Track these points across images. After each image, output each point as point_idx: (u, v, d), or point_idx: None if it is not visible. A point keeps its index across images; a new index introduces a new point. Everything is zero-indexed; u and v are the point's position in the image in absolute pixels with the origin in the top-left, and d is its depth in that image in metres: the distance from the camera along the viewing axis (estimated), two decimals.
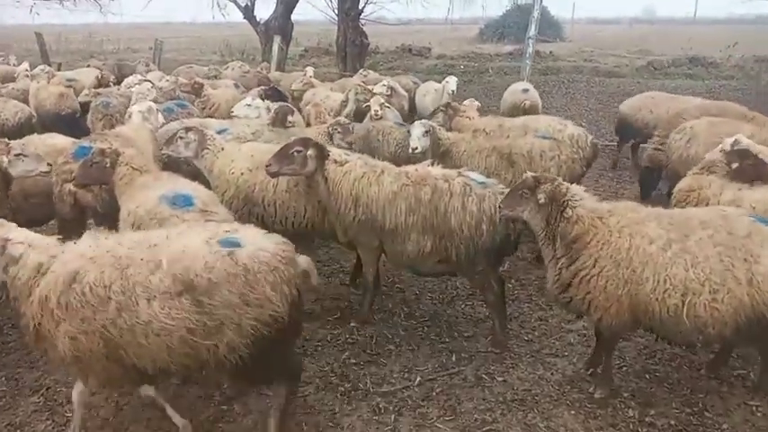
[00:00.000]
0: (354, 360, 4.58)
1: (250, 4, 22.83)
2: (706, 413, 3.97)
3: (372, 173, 4.79)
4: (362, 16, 20.24)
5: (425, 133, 6.18)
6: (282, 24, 20.57)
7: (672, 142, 6.93)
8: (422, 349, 4.74)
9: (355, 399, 4.14)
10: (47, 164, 4.96)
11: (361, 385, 4.27)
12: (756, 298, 3.55)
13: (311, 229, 5.39)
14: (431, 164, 5.01)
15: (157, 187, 4.33)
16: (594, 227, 3.87)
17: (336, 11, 20.23)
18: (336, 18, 20.23)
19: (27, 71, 12.04)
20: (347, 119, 7.69)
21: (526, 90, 10.30)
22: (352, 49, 19.08)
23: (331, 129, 6.63)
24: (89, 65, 14.92)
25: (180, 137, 5.30)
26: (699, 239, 3.67)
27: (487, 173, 5.55)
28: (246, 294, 3.10)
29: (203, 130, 5.50)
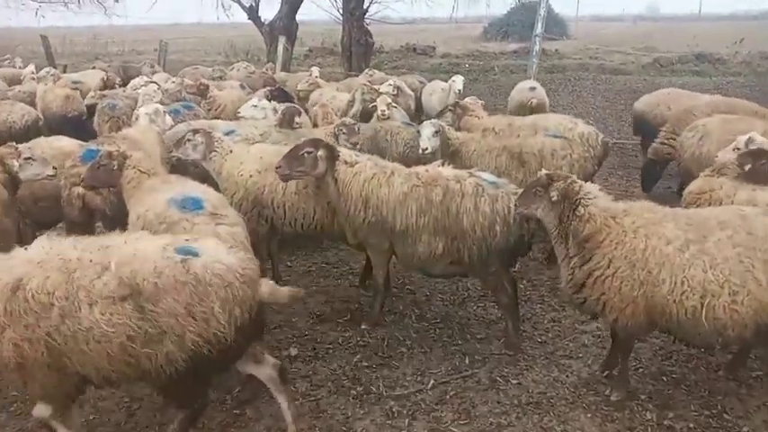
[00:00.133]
0: (366, 363, 4.54)
1: (254, 4, 22.83)
2: (725, 415, 3.91)
3: (382, 174, 4.75)
4: (367, 16, 20.20)
5: (435, 133, 6.11)
6: (287, 24, 20.54)
7: (684, 140, 6.83)
8: (434, 352, 4.69)
9: (368, 402, 4.09)
10: (52, 167, 4.97)
11: (374, 389, 4.23)
12: None
13: (321, 231, 5.36)
14: (441, 164, 4.96)
15: (166, 190, 4.28)
16: (608, 226, 3.82)
17: (341, 10, 20.21)
18: (341, 18, 20.20)
19: (33, 74, 12.06)
20: (354, 119, 7.65)
21: (533, 88, 10.22)
22: (358, 48, 19.06)
23: (336, 129, 6.58)
24: (94, 67, 14.92)
25: (188, 139, 5.27)
26: (718, 240, 3.60)
27: (498, 172, 5.49)
28: (193, 306, 2.94)
29: (211, 132, 5.47)
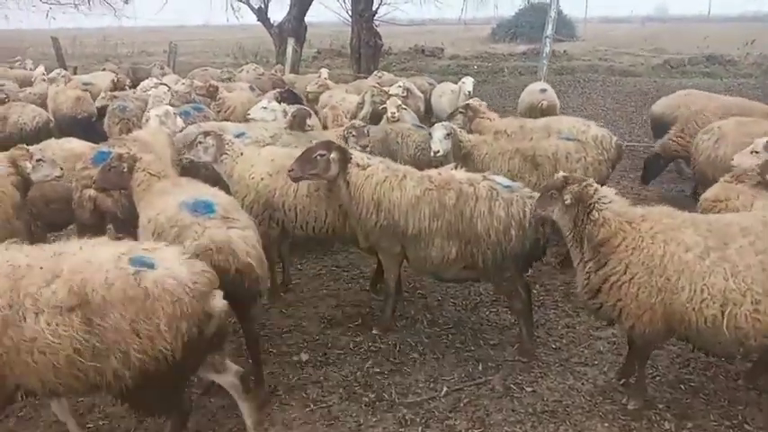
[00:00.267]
0: (378, 369, 4.48)
1: (264, 6, 22.87)
2: (746, 426, 3.83)
3: (395, 177, 4.69)
4: (376, 17, 20.16)
5: (447, 136, 6.05)
6: (296, 26, 20.54)
7: (699, 143, 6.72)
8: (447, 358, 4.62)
9: (380, 410, 4.03)
10: (60, 168, 4.99)
11: (386, 395, 4.17)
12: None
13: (332, 234, 5.30)
14: (454, 167, 4.90)
15: (177, 193, 4.24)
16: (623, 231, 3.76)
17: (350, 12, 20.17)
18: (350, 19, 20.17)
19: (44, 75, 12.09)
20: (363, 121, 7.59)
21: (544, 90, 10.15)
22: (366, 50, 19.01)
23: (346, 132, 6.53)
24: (104, 68, 14.97)
25: (199, 141, 5.24)
26: (739, 247, 3.51)
27: (511, 175, 5.42)
28: (138, 323, 2.85)
29: (221, 134, 5.42)
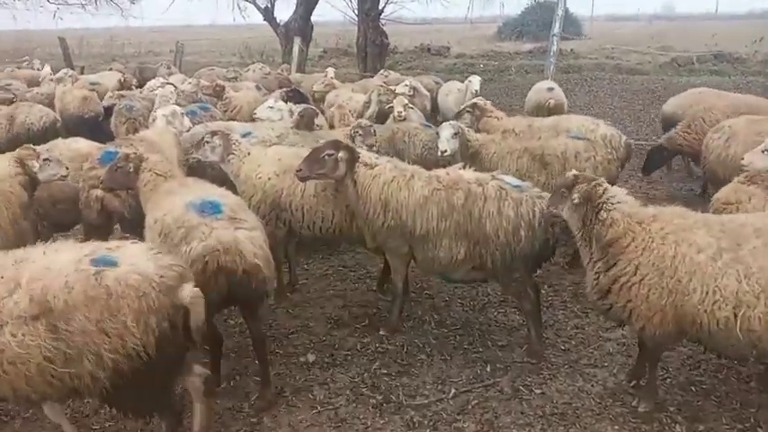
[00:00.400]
0: (385, 370, 4.45)
1: (270, 5, 22.87)
2: (759, 429, 3.76)
3: (402, 177, 4.66)
4: (382, 16, 20.11)
5: (454, 135, 6.01)
6: (302, 26, 20.55)
7: (709, 142, 6.64)
8: (455, 359, 4.58)
9: (387, 412, 4.00)
10: (65, 167, 4.98)
11: (394, 397, 4.13)
12: None
13: (339, 235, 5.28)
14: (462, 167, 4.87)
15: (183, 193, 4.21)
16: (632, 231, 3.72)
17: (356, 11, 20.13)
18: (356, 18, 20.13)
19: (51, 75, 12.13)
20: (370, 120, 7.57)
21: (551, 89, 10.08)
22: (373, 49, 18.96)
23: (352, 131, 6.50)
24: (111, 68, 15.03)
25: (206, 141, 5.23)
26: (753, 248, 3.45)
27: (519, 175, 5.38)
28: (104, 322, 2.79)
29: (228, 134, 5.41)
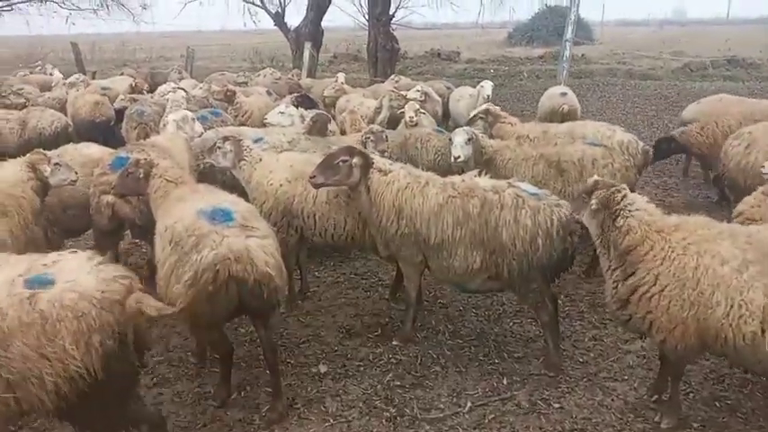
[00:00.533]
0: (399, 382, 4.34)
1: (281, 10, 22.93)
2: None
3: (416, 183, 4.57)
4: (393, 21, 20.06)
5: (468, 141, 5.90)
6: (313, 31, 20.55)
7: (729, 148, 6.50)
8: (470, 371, 4.47)
9: (402, 426, 3.89)
10: (75, 172, 4.96)
11: (408, 410, 4.03)
12: None
13: (351, 242, 5.20)
14: (478, 174, 4.76)
15: (194, 200, 4.14)
16: (650, 240, 3.62)
17: (367, 16, 20.09)
18: (367, 23, 20.10)
19: (63, 80, 12.16)
20: (381, 126, 7.49)
21: (564, 94, 9.96)
22: (383, 54, 18.88)
23: (364, 137, 6.42)
24: (122, 73, 15.07)
25: (218, 146, 5.17)
26: None
27: (535, 182, 5.27)
28: (42, 347, 2.66)
29: (240, 140, 5.34)
